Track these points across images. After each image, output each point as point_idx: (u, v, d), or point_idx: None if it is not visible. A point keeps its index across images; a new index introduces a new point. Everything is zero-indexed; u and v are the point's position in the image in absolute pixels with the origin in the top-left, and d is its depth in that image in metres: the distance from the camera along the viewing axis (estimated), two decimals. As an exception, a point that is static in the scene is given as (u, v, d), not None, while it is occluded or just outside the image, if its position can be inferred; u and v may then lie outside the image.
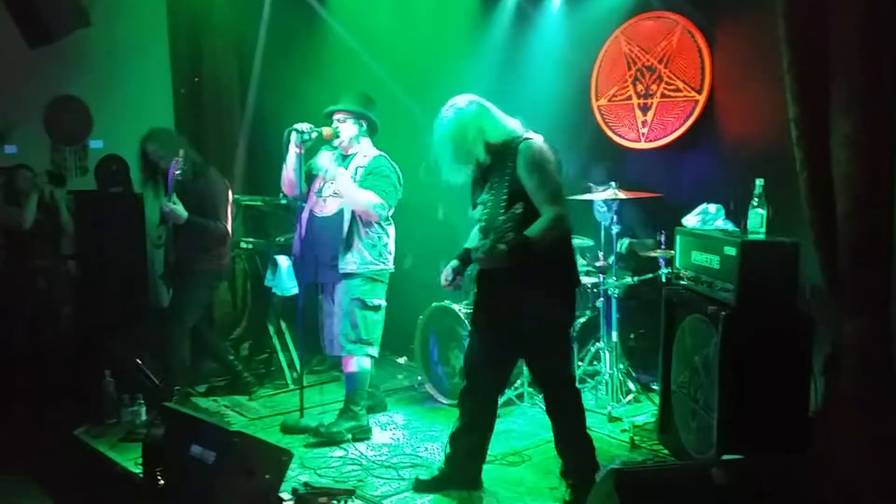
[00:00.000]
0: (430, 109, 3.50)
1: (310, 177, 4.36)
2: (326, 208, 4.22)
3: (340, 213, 4.16)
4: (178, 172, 4.32)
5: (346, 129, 4.23)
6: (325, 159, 4.25)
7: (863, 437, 2.93)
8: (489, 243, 3.02)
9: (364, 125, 4.27)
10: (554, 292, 3.27)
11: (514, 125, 3.34)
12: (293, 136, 4.14)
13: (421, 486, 3.56)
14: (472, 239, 3.47)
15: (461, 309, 4.61)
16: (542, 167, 3.17)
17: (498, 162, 3.27)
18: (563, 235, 3.23)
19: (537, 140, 3.26)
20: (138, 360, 4.58)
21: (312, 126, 4.18)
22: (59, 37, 5.31)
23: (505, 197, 3.20)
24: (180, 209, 4.34)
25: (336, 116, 4.26)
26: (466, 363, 3.64)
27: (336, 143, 4.26)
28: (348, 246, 4.12)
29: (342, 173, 4.10)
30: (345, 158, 4.27)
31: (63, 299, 5.48)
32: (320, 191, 4.28)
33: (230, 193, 4.72)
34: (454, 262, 3.43)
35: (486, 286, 3.42)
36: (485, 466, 3.76)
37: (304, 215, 4.27)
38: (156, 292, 5.89)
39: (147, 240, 5.66)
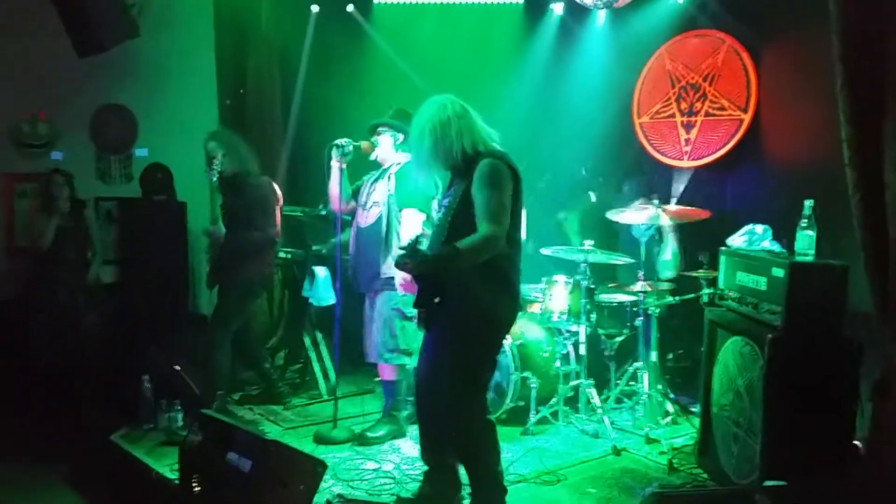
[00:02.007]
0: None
1: (358, 192, 4.43)
2: (369, 218, 4.28)
3: (380, 220, 4.23)
4: (215, 172, 4.45)
5: (384, 140, 4.31)
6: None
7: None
8: (410, 250, 2.98)
9: (401, 138, 4.30)
10: (472, 315, 3.14)
11: (491, 138, 3.29)
12: (334, 151, 4.23)
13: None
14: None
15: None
16: (492, 186, 3.09)
17: (464, 171, 3.21)
18: (500, 261, 3.12)
19: (499, 160, 3.17)
20: (177, 367, 4.62)
21: (350, 140, 4.27)
22: (108, 47, 5.40)
23: (455, 208, 3.18)
24: (219, 228, 4.55)
25: (377, 130, 4.37)
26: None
27: (374, 155, 4.35)
28: (388, 250, 4.16)
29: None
30: (383, 171, 4.33)
31: (88, 307, 5.49)
32: (364, 203, 4.33)
33: (279, 201, 4.80)
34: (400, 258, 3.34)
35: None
36: (519, 485, 3.73)
37: (353, 230, 4.40)
38: (196, 299, 5.95)
39: (188, 247, 5.73)
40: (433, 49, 5.99)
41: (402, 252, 3.01)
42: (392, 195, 4.21)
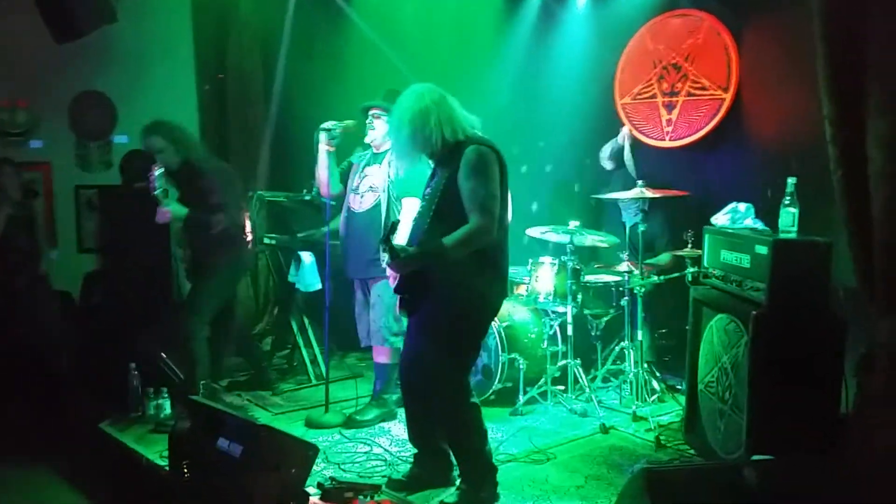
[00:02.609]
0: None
1: (344, 174, 4.38)
2: (364, 203, 4.24)
3: (378, 206, 4.18)
4: (156, 185, 4.27)
5: (380, 125, 4.22)
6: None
7: (894, 435, 2.89)
8: (394, 247, 3.03)
9: None
10: (460, 299, 3.17)
11: (472, 125, 3.28)
12: (322, 135, 4.21)
13: (394, 485, 3.49)
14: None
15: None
16: (479, 175, 3.10)
17: (447, 159, 3.21)
18: (487, 246, 3.14)
19: (485, 146, 3.17)
20: (162, 354, 4.60)
21: (337, 123, 4.24)
22: (85, 32, 5.34)
23: (439, 197, 3.18)
24: (177, 209, 4.34)
25: (371, 112, 4.26)
26: None
27: (368, 139, 4.30)
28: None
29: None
30: (377, 155, 4.28)
31: (46, 297, 5.34)
32: (357, 188, 4.29)
33: (238, 182, 4.68)
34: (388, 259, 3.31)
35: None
36: (509, 465, 3.77)
37: (344, 213, 4.34)
38: (179, 287, 5.92)
39: (171, 234, 5.69)
40: (415, 31, 5.95)
41: (389, 255, 3.04)
42: (392, 182, 4.13)
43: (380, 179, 4.19)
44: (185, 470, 3.28)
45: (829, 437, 3.18)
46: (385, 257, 3.09)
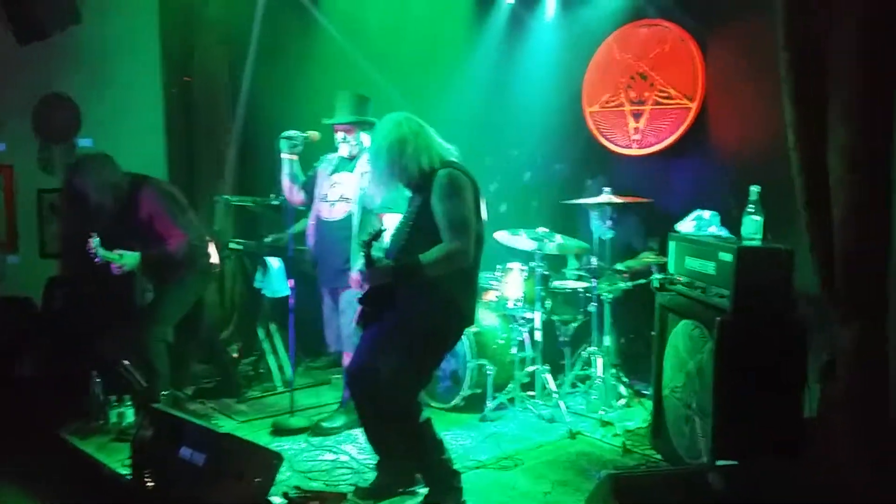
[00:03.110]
0: (423, 112, 3.48)
1: (310, 182, 4.35)
2: (335, 213, 4.21)
3: (349, 217, 4.15)
4: (97, 255, 4.05)
5: (351, 137, 4.20)
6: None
7: (857, 441, 2.94)
8: (372, 256, 3.04)
9: (364, 128, 4.24)
10: (420, 322, 3.19)
11: (448, 154, 3.30)
12: (283, 144, 4.19)
13: (361, 494, 3.47)
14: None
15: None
16: (452, 197, 3.12)
17: (422, 186, 3.23)
18: (460, 268, 3.14)
19: (456, 170, 3.19)
20: (125, 362, 4.52)
21: (299, 132, 4.22)
22: (49, 34, 5.26)
23: (412, 221, 3.20)
24: (130, 259, 4.14)
25: (337, 133, 4.23)
26: None
27: (341, 153, 4.27)
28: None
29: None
30: (348, 162, 4.26)
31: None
32: (326, 196, 4.26)
33: (179, 195, 4.47)
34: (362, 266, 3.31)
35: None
36: (477, 471, 3.76)
37: (312, 221, 4.29)
38: (144, 293, 5.82)
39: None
40: (383, 36, 5.93)
41: (363, 264, 3.04)
42: (366, 195, 4.05)
43: (351, 189, 4.15)
44: (148, 479, 3.23)
45: (792, 441, 3.21)
46: (360, 262, 3.07)
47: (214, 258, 4.63)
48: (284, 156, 4.24)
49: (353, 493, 3.48)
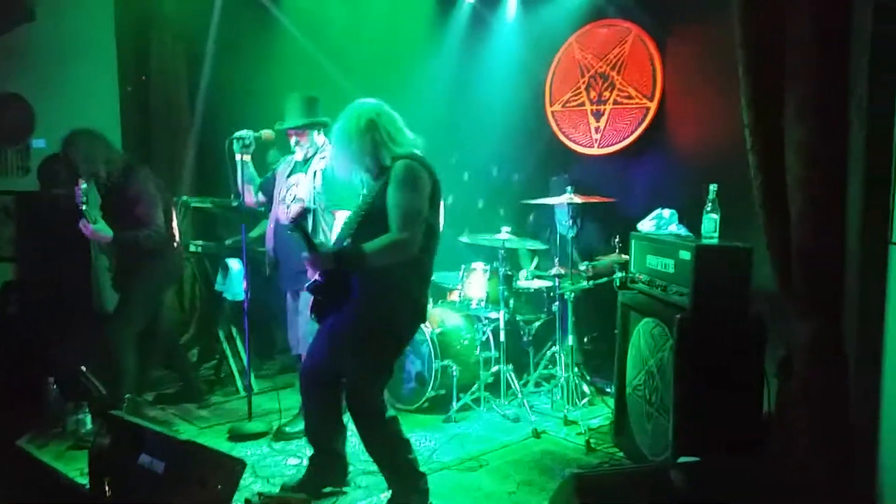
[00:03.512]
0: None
1: (268, 184, 4.29)
2: (291, 214, 4.15)
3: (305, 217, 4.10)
4: (83, 200, 4.15)
5: (304, 140, 4.15)
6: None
7: (815, 438, 2.99)
8: (311, 239, 3.05)
9: (316, 129, 4.20)
10: (375, 315, 3.16)
11: (414, 145, 3.27)
12: (234, 145, 4.11)
13: (287, 489, 3.45)
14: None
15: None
16: (405, 189, 3.08)
17: (380, 175, 3.20)
18: (409, 259, 3.10)
19: (414, 161, 3.15)
20: (83, 368, 4.43)
21: (250, 131, 4.14)
22: (1, 32, 5.12)
23: (367, 208, 3.17)
24: (104, 229, 4.21)
25: (291, 137, 4.18)
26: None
27: (297, 157, 4.21)
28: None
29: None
30: (301, 164, 4.21)
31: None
32: (283, 198, 4.21)
33: (164, 192, 4.53)
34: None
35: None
36: (442, 473, 3.75)
37: (271, 224, 4.24)
38: (101, 296, 5.72)
39: (91, 242, 5.49)
40: (344, 34, 5.90)
41: (308, 251, 3.03)
42: (320, 194, 4.06)
43: (305, 190, 4.11)
44: (107, 487, 3.17)
45: (752, 437, 3.26)
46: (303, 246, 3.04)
47: (179, 255, 4.64)
48: (237, 157, 4.15)
49: (281, 487, 3.46)
